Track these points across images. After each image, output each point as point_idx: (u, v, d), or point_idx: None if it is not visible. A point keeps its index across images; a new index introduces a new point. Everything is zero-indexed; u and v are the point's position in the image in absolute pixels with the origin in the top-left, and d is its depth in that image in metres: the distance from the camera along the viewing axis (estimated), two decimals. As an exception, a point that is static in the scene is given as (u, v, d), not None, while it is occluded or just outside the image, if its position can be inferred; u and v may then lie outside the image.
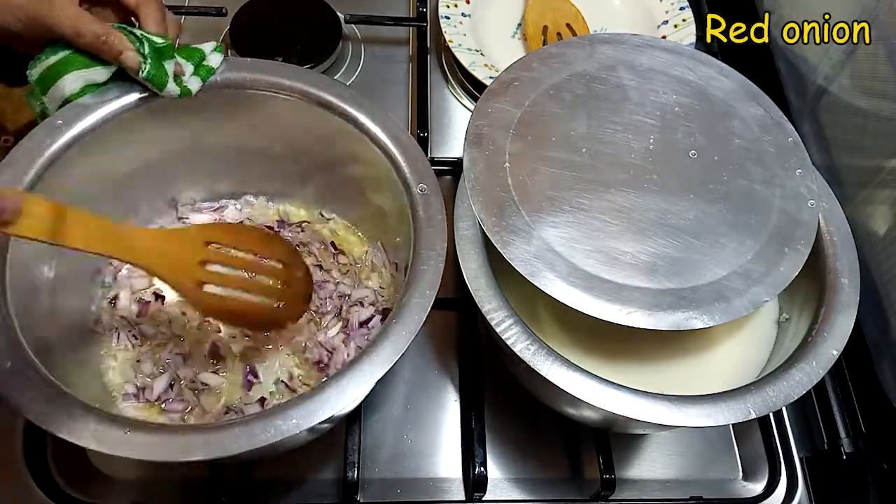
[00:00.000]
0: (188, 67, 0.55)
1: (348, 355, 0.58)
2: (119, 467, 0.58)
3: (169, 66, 0.53)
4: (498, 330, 0.48)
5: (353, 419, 0.58)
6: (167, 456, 0.41)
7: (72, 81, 0.52)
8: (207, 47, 0.56)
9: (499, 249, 0.48)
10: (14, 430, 0.57)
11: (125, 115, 0.54)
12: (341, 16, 0.82)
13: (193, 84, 0.55)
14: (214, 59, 0.56)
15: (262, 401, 0.57)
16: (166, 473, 0.58)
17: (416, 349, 0.66)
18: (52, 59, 0.52)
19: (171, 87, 0.53)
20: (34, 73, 0.52)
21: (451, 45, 0.80)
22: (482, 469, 0.57)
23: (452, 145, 0.79)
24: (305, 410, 0.43)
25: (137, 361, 0.58)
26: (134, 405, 0.56)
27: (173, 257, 0.50)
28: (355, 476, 0.56)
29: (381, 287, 0.63)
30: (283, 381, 0.58)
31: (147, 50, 0.52)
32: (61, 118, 0.52)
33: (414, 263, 0.50)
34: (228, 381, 0.58)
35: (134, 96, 0.54)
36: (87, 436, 0.42)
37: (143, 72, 0.52)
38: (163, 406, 0.56)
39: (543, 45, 0.83)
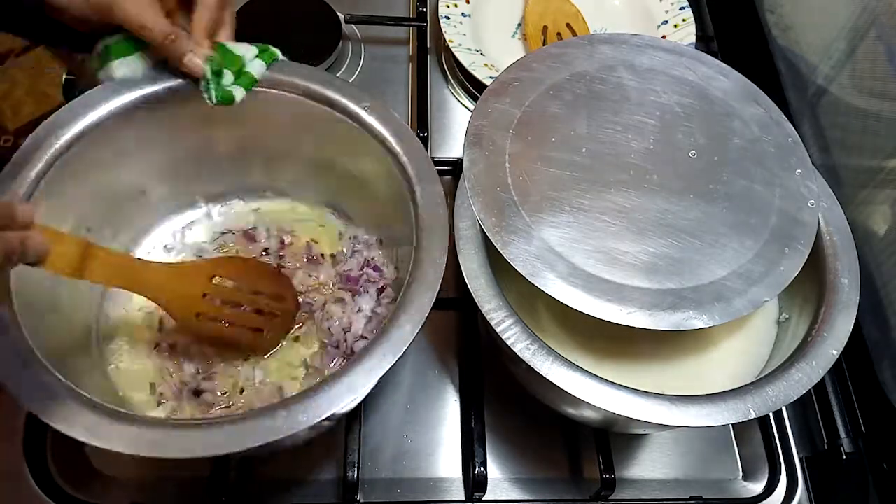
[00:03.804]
0: (228, 76, 0.54)
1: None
2: (119, 467, 0.58)
3: (227, 78, 0.54)
4: (498, 330, 0.48)
5: (353, 419, 0.58)
6: (165, 453, 0.41)
7: (117, 67, 0.54)
8: (249, 54, 0.56)
9: (499, 249, 0.48)
10: (15, 430, 0.57)
11: (129, 114, 0.54)
12: (341, 16, 0.82)
13: (237, 93, 0.55)
14: (257, 67, 0.56)
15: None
16: (166, 473, 0.58)
17: (416, 349, 0.66)
18: (109, 40, 0.54)
19: (213, 94, 0.54)
20: (96, 49, 0.55)
21: (451, 45, 0.80)
22: (482, 469, 0.57)
23: (452, 145, 0.79)
24: (306, 408, 0.43)
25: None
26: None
27: (180, 292, 0.55)
28: (355, 476, 0.56)
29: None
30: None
31: (215, 68, 0.53)
32: (63, 116, 0.53)
33: (415, 262, 0.50)
34: None
35: (141, 92, 0.55)
36: (79, 428, 0.42)
37: (206, 93, 0.54)
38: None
39: (543, 45, 0.83)
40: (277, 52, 0.57)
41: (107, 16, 0.51)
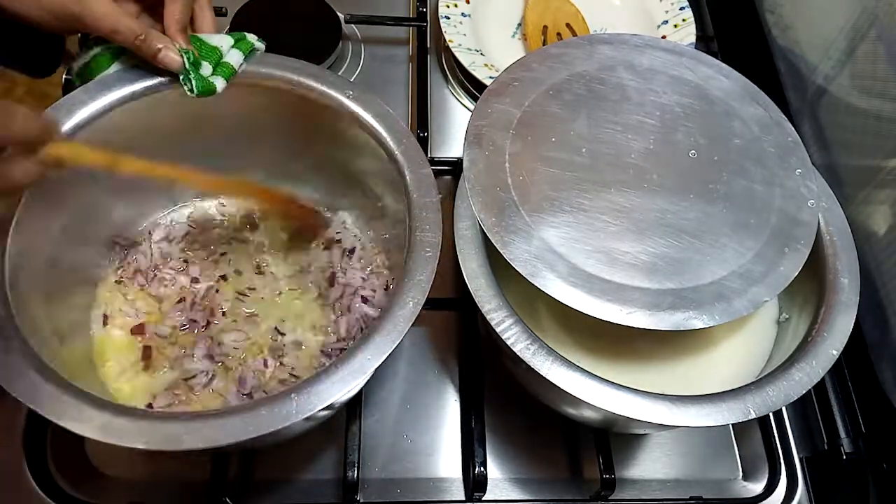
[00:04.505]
0: (207, 67, 0.55)
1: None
2: (119, 467, 0.58)
3: (205, 69, 0.55)
4: (498, 330, 0.48)
5: (353, 419, 0.58)
6: (180, 445, 0.41)
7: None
8: (225, 44, 0.56)
9: (499, 249, 0.48)
10: (14, 430, 0.57)
11: (142, 98, 0.55)
12: (341, 16, 0.82)
13: (218, 83, 0.55)
14: (234, 57, 0.56)
15: None
16: (166, 473, 0.58)
17: (416, 349, 0.66)
18: (87, 56, 0.54)
19: (194, 86, 0.54)
20: (74, 67, 0.55)
21: (451, 45, 0.80)
22: (482, 469, 0.57)
23: (452, 145, 0.79)
24: (302, 399, 0.43)
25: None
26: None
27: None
28: (355, 476, 0.56)
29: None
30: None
31: (192, 59, 0.53)
32: (81, 95, 0.53)
33: (410, 250, 0.50)
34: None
35: (153, 81, 0.55)
36: (93, 427, 0.42)
37: (186, 85, 0.54)
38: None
39: (543, 45, 0.83)
40: (254, 40, 0.57)
41: (77, 25, 0.51)
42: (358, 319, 0.61)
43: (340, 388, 0.44)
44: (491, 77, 0.69)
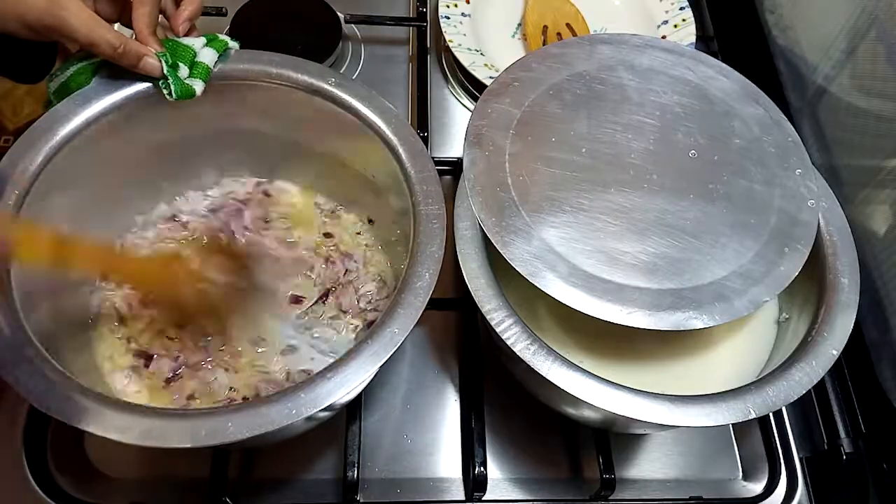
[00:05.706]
0: (183, 69, 0.54)
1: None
2: (119, 467, 0.58)
3: (182, 72, 0.54)
4: (498, 330, 0.48)
5: (353, 419, 0.58)
6: (218, 440, 0.41)
7: None
8: (198, 43, 0.55)
9: (499, 249, 0.48)
10: (14, 430, 0.57)
11: (124, 107, 0.54)
12: (341, 16, 0.82)
13: (196, 86, 0.54)
14: (208, 56, 0.55)
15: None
16: (166, 473, 0.58)
17: (416, 349, 0.66)
18: (66, 73, 0.53)
19: (173, 90, 0.53)
20: (52, 86, 0.54)
21: (451, 45, 0.80)
22: (482, 469, 0.57)
23: (452, 145, 0.79)
24: (302, 399, 0.43)
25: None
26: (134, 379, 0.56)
27: (161, 281, 0.56)
28: (355, 476, 0.56)
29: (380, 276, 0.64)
30: None
31: (170, 62, 0.53)
32: (63, 109, 0.53)
33: (416, 224, 0.50)
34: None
35: (133, 88, 0.54)
36: (114, 429, 0.42)
37: (165, 90, 0.53)
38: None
39: (543, 45, 0.83)
40: (228, 39, 0.57)
41: (54, 37, 0.50)
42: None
43: (375, 361, 0.45)
44: (491, 77, 0.69)
